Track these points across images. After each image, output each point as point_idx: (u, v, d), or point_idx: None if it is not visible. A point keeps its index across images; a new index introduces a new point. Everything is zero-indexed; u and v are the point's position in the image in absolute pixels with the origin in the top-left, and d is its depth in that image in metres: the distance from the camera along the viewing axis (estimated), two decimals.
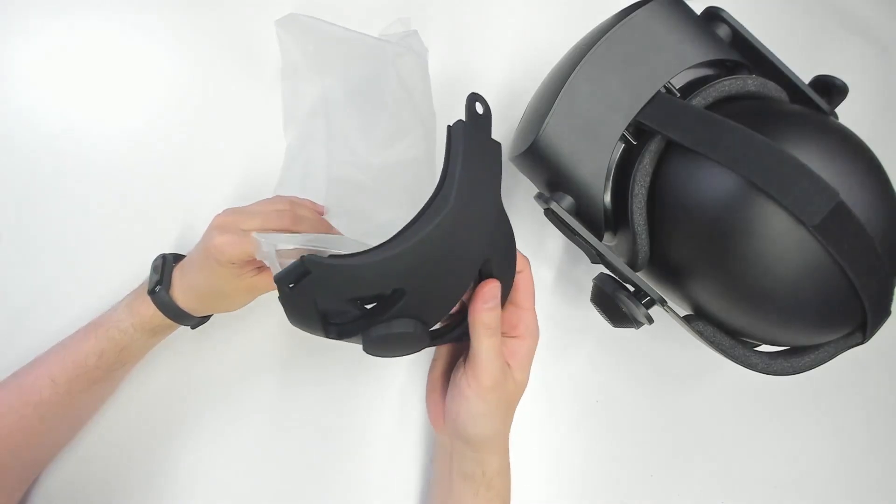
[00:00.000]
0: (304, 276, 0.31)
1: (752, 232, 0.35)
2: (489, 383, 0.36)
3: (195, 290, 0.41)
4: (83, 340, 0.41)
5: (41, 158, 0.48)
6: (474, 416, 0.37)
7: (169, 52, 0.52)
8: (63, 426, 0.43)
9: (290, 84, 0.49)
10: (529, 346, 0.39)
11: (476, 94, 0.36)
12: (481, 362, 0.36)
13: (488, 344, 0.36)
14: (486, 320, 0.36)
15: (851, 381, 0.58)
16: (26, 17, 0.50)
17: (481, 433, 0.38)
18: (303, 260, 0.30)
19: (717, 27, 0.43)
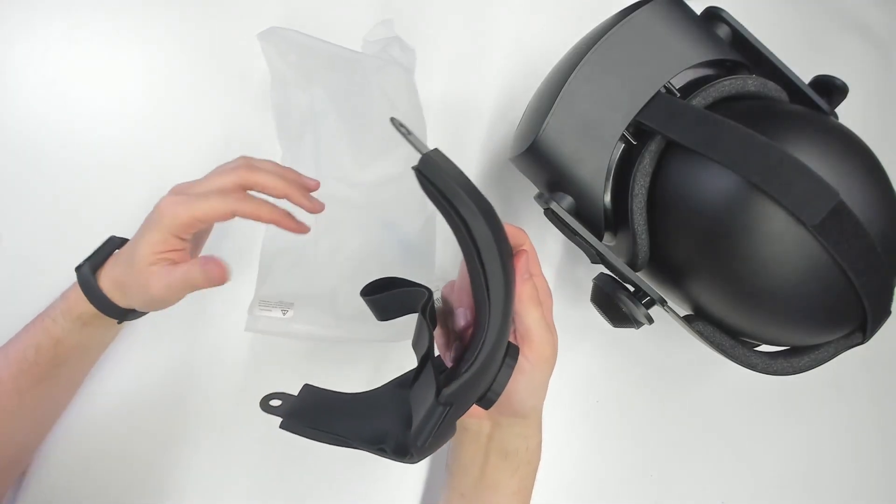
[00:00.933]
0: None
1: (752, 232, 0.35)
2: (548, 352, 0.37)
3: (119, 269, 0.38)
4: (24, 333, 0.39)
5: (41, 159, 0.48)
6: (534, 388, 0.38)
7: (164, 57, 0.52)
8: (22, 427, 0.41)
9: (281, 93, 0.49)
10: (550, 307, 0.40)
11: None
12: (535, 336, 0.36)
13: (536, 315, 0.36)
14: (528, 292, 0.36)
15: (851, 381, 0.58)
16: (27, 18, 0.50)
17: (537, 403, 0.39)
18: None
19: (717, 27, 0.43)
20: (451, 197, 0.31)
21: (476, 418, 0.41)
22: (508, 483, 0.40)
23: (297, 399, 0.34)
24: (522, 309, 0.36)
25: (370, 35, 0.49)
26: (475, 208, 0.31)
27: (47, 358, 0.39)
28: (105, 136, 0.50)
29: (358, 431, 0.32)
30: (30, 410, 0.41)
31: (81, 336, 0.39)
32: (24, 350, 0.38)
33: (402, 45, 0.48)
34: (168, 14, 0.52)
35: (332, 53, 0.46)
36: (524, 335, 0.37)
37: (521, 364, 0.36)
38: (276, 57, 0.46)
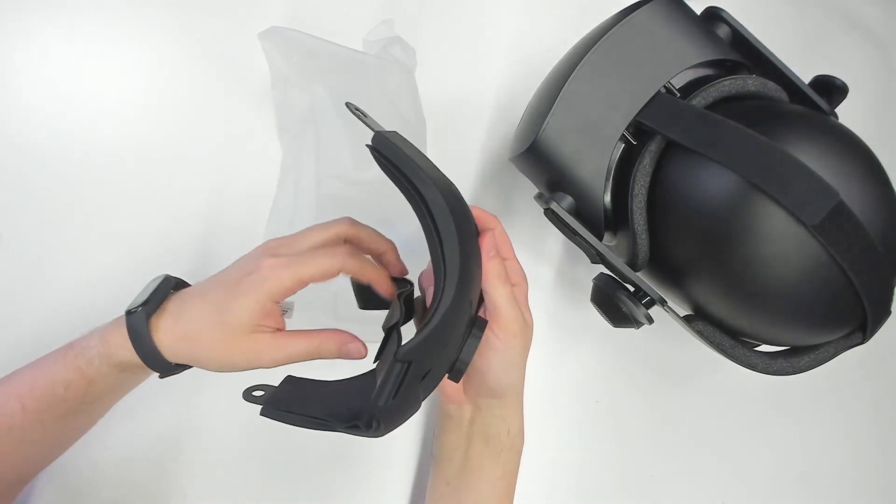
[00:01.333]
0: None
1: (752, 232, 0.35)
2: (515, 328, 0.37)
3: (185, 324, 0.34)
4: (53, 365, 0.36)
5: (42, 159, 0.48)
6: (506, 365, 0.39)
7: (164, 57, 0.52)
8: (41, 451, 0.39)
9: (282, 93, 0.49)
10: (524, 290, 0.41)
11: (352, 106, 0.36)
12: (502, 311, 0.37)
13: (503, 292, 0.37)
14: (495, 269, 0.37)
15: (851, 381, 0.58)
16: (27, 18, 0.50)
17: (513, 382, 0.40)
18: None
19: (717, 27, 0.43)
20: (400, 165, 0.34)
21: (457, 404, 0.42)
22: (492, 469, 0.41)
23: (278, 389, 0.34)
24: (489, 286, 0.37)
25: (371, 35, 0.49)
26: (424, 175, 0.33)
27: (77, 396, 0.36)
28: (106, 136, 0.50)
29: (334, 412, 0.32)
30: (51, 439, 0.39)
31: (118, 380, 0.37)
32: (54, 385, 0.36)
33: (402, 44, 0.48)
34: (168, 14, 0.52)
35: (333, 53, 0.46)
36: (492, 311, 0.37)
37: (491, 340, 0.37)
38: (277, 56, 0.46)
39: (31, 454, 0.39)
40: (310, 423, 0.32)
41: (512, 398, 0.42)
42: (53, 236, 0.48)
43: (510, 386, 0.41)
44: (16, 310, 0.46)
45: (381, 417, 0.30)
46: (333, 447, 0.49)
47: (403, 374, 0.31)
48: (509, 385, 0.40)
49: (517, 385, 0.41)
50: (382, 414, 0.30)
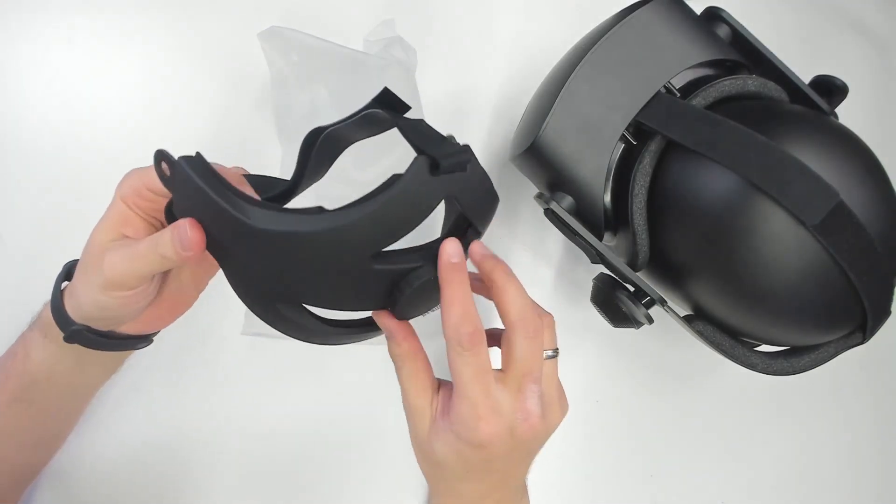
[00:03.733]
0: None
1: (752, 232, 0.35)
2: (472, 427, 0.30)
3: (82, 258, 0.33)
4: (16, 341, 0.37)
5: (42, 159, 0.48)
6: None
7: (164, 57, 0.52)
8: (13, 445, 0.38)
9: (281, 93, 0.49)
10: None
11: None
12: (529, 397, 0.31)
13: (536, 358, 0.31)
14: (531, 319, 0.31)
15: (851, 381, 0.58)
16: (27, 17, 0.50)
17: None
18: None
19: (717, 27, 0.43)
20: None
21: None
22: None
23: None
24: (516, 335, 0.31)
25: (371, 35, 0.49)
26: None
27: (18, 371, 0.35)
28: (105, 136, 0.50)
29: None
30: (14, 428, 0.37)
31: (45, 353, 0.35)
32: (5, 358, 0.36)
33: (403, 44, 0.48)
34: (168, 14, 0.52)
35: (333, 53, 0.46)
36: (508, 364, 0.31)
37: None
38: (277, 56, 0.46)
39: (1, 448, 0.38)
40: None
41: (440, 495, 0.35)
42: (53, 236, 0.47)
43: (447, 486, 0.34)
44: (15, 310, 0.46)
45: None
46: (340, 450, 0.49)
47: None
48: (444, 485, 0.34)
49: (468, 494, 0.34)
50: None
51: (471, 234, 0.34)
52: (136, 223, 0.32)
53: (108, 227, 0.32)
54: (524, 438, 0.31)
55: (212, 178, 0.28)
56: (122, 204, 0.32)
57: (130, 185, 0.32)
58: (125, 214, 0.32)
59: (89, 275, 0.31)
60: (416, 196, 0.30)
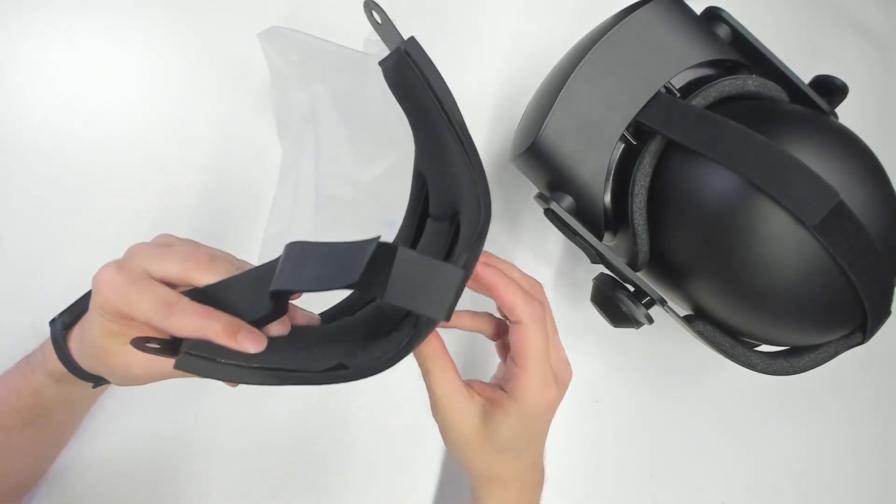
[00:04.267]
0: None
1: (752, 232, 0.35)
2: (539, 396, 0.33)
3: (83, 338, 0.32)
4: (14, 371, 0.36)
5: (42, 158, 0.48)
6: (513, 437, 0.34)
7: (164, 57, 0.52)
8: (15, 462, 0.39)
9: (281, 93, 0.49)
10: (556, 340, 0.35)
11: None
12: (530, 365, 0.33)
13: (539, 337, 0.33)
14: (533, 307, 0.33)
15: (851, 381, 0.58)
16: (27, 17, 0.50)
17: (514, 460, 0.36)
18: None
19: (717, 27, 0.43)
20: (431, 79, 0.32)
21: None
22: None
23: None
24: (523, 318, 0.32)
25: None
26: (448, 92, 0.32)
27: (28, 406, 0.35)
28: (105, 136, 0.50)
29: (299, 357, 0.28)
30: (20, 450, 0.38)
31: (58, 390, 0.35)
32: (9, 393, 0.35)
33: None
34: (168, 14, 0.52)
35: (333, 53, 0.46)
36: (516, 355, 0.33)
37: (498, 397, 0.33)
38: (277, 56, 0.46)
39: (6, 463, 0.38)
40: (258, 377, 0.26)
41: (514, 487, 0.36)
42: (53, 236, 0.47)
43: (510, 467, 0.35)
44: (16, 310, 0.46)
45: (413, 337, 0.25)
46: (342, 448, 0.49)
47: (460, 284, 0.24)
48: (509, 465, 0.35)
49: (524, 468, 0.35)
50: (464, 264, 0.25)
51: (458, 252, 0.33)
52: (135, 328, 0.30)
53: (114, 336, 0.30)
54: (564, 386, 0.36)
55: (223, 368, 0.27)
56: (111, 318, 0.29)
57: (114, 308, 0.28)
58: (123, 325, 0.29)
59: (115, 375, 0.31)
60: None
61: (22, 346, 0.45)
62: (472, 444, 0.33)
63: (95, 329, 0.30)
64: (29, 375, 0.35)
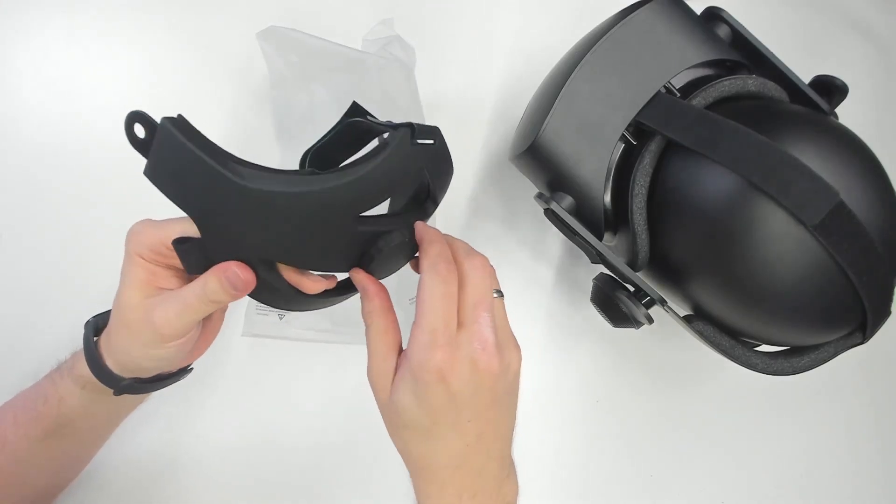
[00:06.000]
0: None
1: (753, 232, 0.35)
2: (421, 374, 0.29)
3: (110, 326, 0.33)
4: (45, 378, 0.36)
5: (42, 158, 0.48)
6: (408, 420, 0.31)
7: (165, 57, 0.52)
8: (38, 474, 0.38)
9: (281, 93, 0.49)
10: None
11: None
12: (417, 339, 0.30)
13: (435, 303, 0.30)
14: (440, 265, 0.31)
15: (851, 381, 0.58)
16: (27, 17, 0.50)
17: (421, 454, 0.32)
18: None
19: (717, 27, 0.43)
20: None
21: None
22: None
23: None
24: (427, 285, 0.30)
25: (370, 34, 0.49)
26: None
27: (52, 414, 0.35)
28: (105, 136, 0.49)
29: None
30: (40, 463, 0.38)
31: (82, 400, 0.35)
32: (36, 399, 0.36)
33: (402, 43, 0.48)
34: (168, 14, 0.52)
35: (332, 52, 0.46)
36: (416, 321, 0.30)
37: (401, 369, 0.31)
38: (276, 56, 0.46)
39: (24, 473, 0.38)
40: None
41: (453, 490, 0.31)
42: (53, 236, 0.48)
43: (419, 459, 0.31)
44: (16, 309, 0.47)
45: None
46: (341, 452, 0.49)
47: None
48: (418, 457, 0.31)
49: (456, 462, 0.31)
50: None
51: (428, 204, 0.36)
52: (165, 275, 0.32)
53: (140, 286, 0.31)
54: (487, 373, 0.30)
55: (199, 139, 0.28)
56: (142, 261, 0.31)
57: (145, 242, 0.31)
58: (152, 270, 0.31)
59: (138, 335, 0.32)
60: (400, 163, 0.32)
61: (21, 341, 0.45)
62: (385, 412, 0.32)
63: (124, 285, 0.31)
64: (57, 380, 0.35)
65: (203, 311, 0.31)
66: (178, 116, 0.29)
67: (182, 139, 0.27)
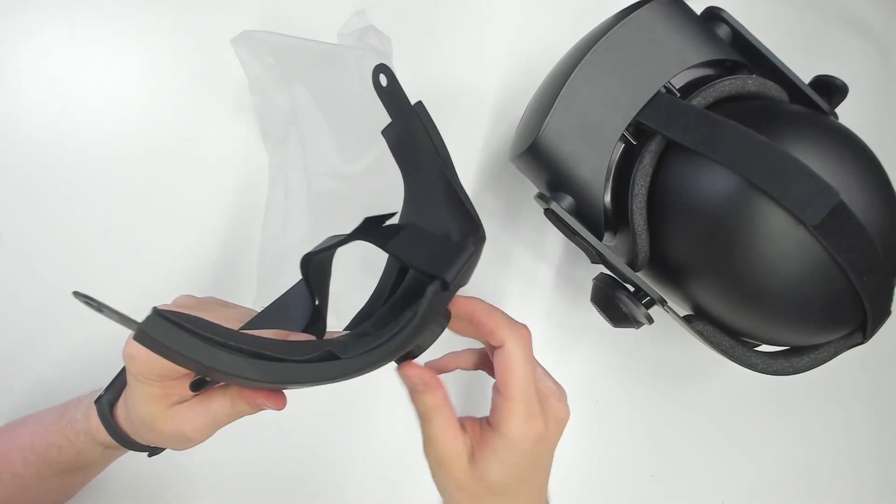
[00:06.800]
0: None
1: (752, 232, 0.35)
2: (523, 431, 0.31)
3: (128, 414, 0.33)
4: (49, 426, 0.36)
5: (42, 157, 0.48)
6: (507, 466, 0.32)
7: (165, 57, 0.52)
8: (47, 498, 0.39)
9: (261, 97, 0.48)
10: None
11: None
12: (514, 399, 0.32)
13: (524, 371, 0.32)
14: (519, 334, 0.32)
15: (851, 381, 0.58)
16: (27, 17, 0.50)
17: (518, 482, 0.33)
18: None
19: (717, 27, 0.43)
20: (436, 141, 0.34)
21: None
22: None
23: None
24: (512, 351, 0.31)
25: (344, 28, 0.48)
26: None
27: (68, 461, 0.36)
28: (105, 135, 0.50)
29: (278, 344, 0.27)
30: (52, 490, 0.39)
31: (105, 454, 0.36)
32: (48, 447, 0.36)
33: (377, 33, 0.48)
34: (169, 14, 0.52)
35: (308, 49, 0.46)
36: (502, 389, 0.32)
37: (487, 434, 0.32)
38: (252, 61, 0.46)
39: (35, 499, 0.38)
40: (236, 361, 0.24)
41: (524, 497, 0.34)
42: (54, 235, 0.48)
43: (516, 486, 0.33)
44: (16, 309, 0.47)
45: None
46: (341, 455, 0.49)
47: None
48: (514, 485, 0.33)
49: (517, 484, 0.33)
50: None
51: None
52: (179, 385, 0.31)
53: (158, 401, 0.30)
54: (564, 423, 0.34)
55: (182, 337, 0.23)
56: (152, 382, 0.30)
57: (153, 370, 0.29)
58: (165, 386, 0.30)
59: (169, 438, 0.32)
60: (431, 317, 0.30)
61: (21, 343, 0.45)
62: (464, 487, 0.32)
63: (138, 399, 0.30)
64: (73, 438, 0.35)
65: (231, 420, 0.31)
66: (151, 315, 0.23)
67: (164, 343, 0.23)
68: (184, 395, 0.30)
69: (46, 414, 0.38)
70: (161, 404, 0.30)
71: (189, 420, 0.30)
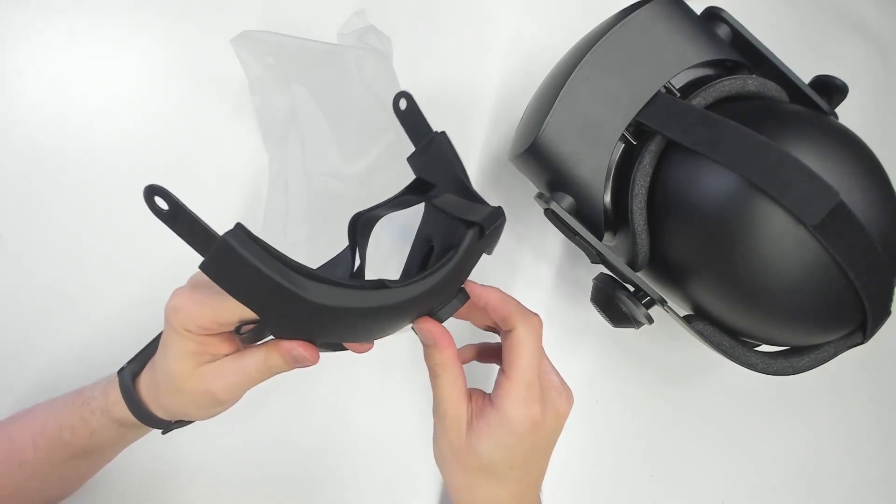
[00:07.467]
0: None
1: (752, 232, 0.35)
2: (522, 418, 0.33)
3: (155, 377, 0.33)
4: (63, 409, 0.36)
5: (42, 157, 0.48)
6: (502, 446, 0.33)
7: (165, 57, 0.52)
8: (53, 487, 0.39)
9: (261, 98, 0.48)
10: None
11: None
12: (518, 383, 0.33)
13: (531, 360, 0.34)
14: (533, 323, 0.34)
15: (851, 381, 0.58)
16: (27, 17, 0.50)
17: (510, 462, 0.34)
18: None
19: (717, 27, 0.43)
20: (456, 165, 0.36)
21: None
22: None
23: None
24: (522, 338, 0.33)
25: (344, 28, 0.48)
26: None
27: (80, 443, 0.36)
28: (105, 135, 0.50)
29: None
30: (59, 477, 0.39)
31: (119, 433, 0.36)
32: (61, 429, 0.36)
33: (377, 33, 0.48)
34: (169, 14, 0.52)
35: (307, 49, 0.46)
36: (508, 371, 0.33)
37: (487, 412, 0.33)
38: (252, 61, 0.46)
39: (42, 488, 0.38)
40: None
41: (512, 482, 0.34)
42: (54, 235, 0.48)
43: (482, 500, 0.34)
44: (17, 308, 0.47)
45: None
46: (340, 456, 0.49)
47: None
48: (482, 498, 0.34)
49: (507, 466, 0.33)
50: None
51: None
52: (216, 342, 0.32)
53: (191, 357, 0.31)
54: (563, 418, 0.35)
55: (260, 253, 0.26)
56: (190, 335, 0.30)
57: (194, 320, 0.30)
58: (202, 341, 0.31)
59: (196, 400, 0.32)
60: (468, 262, 0.32)
61: (21, 343, 0.45)
62: (458, 454, 0.33)
63: (171, 355, 0.31)
64: (88, 417, 0.35)
65: (262, 380, 0.31)
66: (236, 227, 0.26)
67: (244, 255, 0.25)
68: (216, 355, 0.31)
69: (60, 398, 0.38)
70: (193, 361, 0.31)
71: (219, 376, 0.31)
